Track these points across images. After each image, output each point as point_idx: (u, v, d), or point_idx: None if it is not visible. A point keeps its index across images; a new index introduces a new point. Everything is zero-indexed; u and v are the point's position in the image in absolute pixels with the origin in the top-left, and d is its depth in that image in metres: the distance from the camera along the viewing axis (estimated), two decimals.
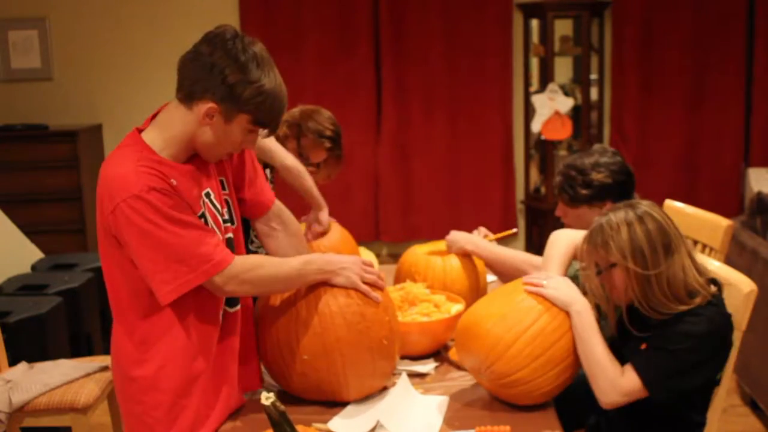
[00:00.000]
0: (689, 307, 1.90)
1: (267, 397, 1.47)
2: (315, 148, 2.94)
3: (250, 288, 1.90)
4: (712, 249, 2.88)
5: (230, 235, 1.97)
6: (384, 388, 2.07)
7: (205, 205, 1.88)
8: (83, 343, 3.73)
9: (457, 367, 2.23)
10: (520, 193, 5.80)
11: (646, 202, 1.99)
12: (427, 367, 2.24)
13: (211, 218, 1.89)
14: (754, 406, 3.62)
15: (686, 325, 1.88)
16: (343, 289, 1.96)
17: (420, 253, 2.67)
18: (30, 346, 3.19)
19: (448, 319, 2.27)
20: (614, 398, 1.91)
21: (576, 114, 5.46)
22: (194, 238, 1.79)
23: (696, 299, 1.91)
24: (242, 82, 1.76)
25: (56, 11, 5.60)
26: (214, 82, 1.76)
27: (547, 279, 2.03)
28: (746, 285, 2.06)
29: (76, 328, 3.68)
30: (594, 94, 5.60)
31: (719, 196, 5.58)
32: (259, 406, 1.52)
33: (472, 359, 2.00)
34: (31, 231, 4.58)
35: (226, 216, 1.96)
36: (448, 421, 1.91)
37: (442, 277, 2.55)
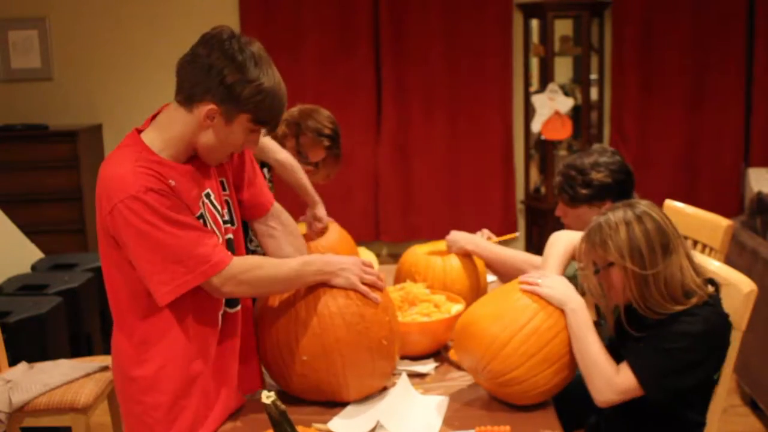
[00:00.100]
0: (685, 307, 1.90)
1: (268, 396, 1.47)
2: (314, 147, 2.94)
3: (249, 289, 1.90)
4: (712, 249, 2.88)
5: (230, 235, 1.96)
6: (384, 389, 2.07)
7: (205, 206, 1.88)
8: (83, 343, 3.73)
9: (457, 367, 2.23)
10: (520, 193, 5.79)
11: (644, 202, 1.99)
12: (427, 367, 2.24)
13: (210, 219, 1.89)
14: (754, 406, 3.62)
15: (682, 325, 1.88)
16: (343, 289, 1.95)
17: (420, 253, 2.67)
18: (30, 346, 3.19)
19: (448, 319, 2.27)
20: (609, 397, 1.91)
21: (576, 114, 5.46)
22: (192, 239, 1.78)
23: (692, 299, 1.91)
24: (241, 82, 1.76)
25: (56, 11, 5.60)
26: (213, 84, 1.76)
27: (543, 278, 2.03)
28: (746, 285, 2.05)
29: (76, 328, 3.68)
30: (594, 94, 5.60)
31: (719, 196, 5.57)
32: (259, 406, 1.52)
33: (470, 359, 2.00)
34: (31, 231, 4.58)
35: (226, 217, 1.96)
36: (447, 421, 1.91)
37: (442, 277, 2.55)
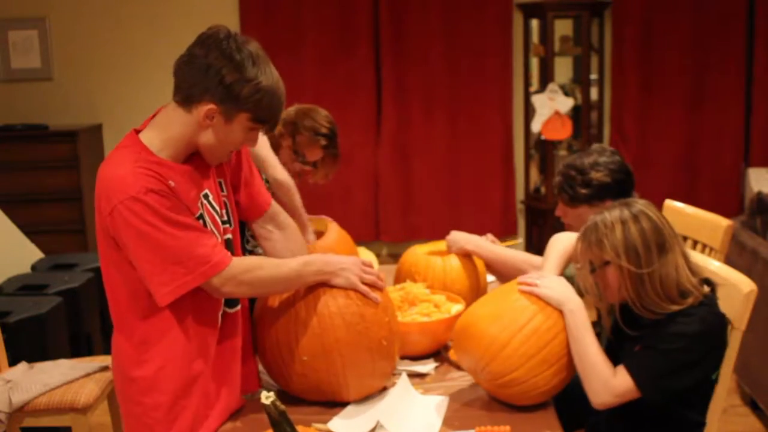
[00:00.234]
0: (681, 307, 1.90)
1: (267, 397, 1.47)
2: (311, 146, 2.93)
3: (249, 289, 1.90)
4: (712, 249, 2.88)
5: (229, 236, 1.96)
6: (384, 389, 2.07)
7: (204, 207, 1.88)
8: (83, 343, 3.73)
9: (457, 367, 2.23)
10: (520, 193, 5.79)
11: (641, 201, 1.99)
12: (427, 367, 2.24)
13: (209, 219, 1.89)
14: (754, 406, 3.62)
15: (678, 326, 1.88)
16: (342, 289, 1.95)
17: (420, 253, 2.67)
18: (30, 346, 3.19)
19: (448, 319, 2.27)
20: (606, 399, 1.91)
21: (576, 114, 5.45)
22: (192, 240, 1.78)
23: (688, 299, 1.90)
24: (239, 81, 1.76)
25: (56, 11, 5.60)
26: (211, 84, 1.76)
27: (541, 278, 2.03)
28: (746, 285, 2.05)
29: (76, 328, 3.68)
30: (594, 94, 5.59)
31: (719, 196, 5.57)
32: (259, 406, 1.52)
33: (469, 360, 2.00)
34: (31, 231, 4.58)
35: (224, 217, 1.96)
36: (447, 422, 1.91)
37: (442, 277, 2.55)
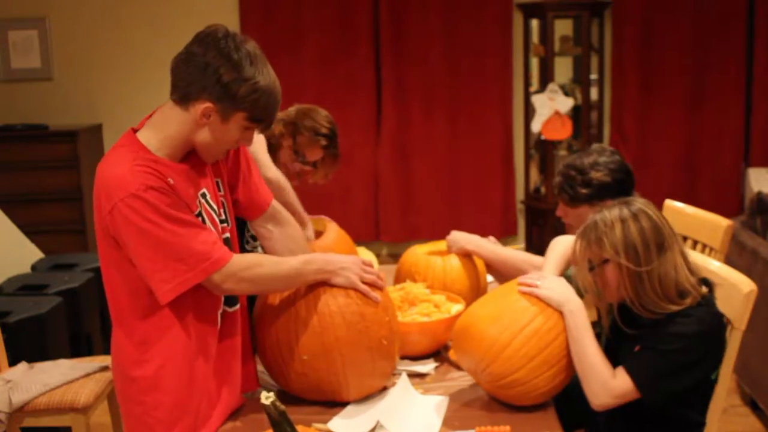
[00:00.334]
0: (680, 307, 1.90)
1: (267, 397, 1.47)
2: (311, 146, 2.93)
3: (249, 286, 1.90)
4: (712, 249, 2.88)
5: (227, 234, 1.97)
6: (384, 388, 2.07)
7: (202, 205, 1.88)
8: (83, 343, 3.73)
9: (457, 368, 2.23)
10: (520, 193, 5.79)
11: (641, 200, 1.99)
12: (427, 367, 2.24)
13: (207, 218, 1.89)
14: (754, 406, 3.62)
15: (677, 326, 1.88)
16: (343, 289, 1.95)
17: (420, 253, 2.67)
18: (30, 346, 3.19)
19: (448, 319, 2.27)
20: (605, 400, 1.91)
21: (576, 114, 5.45)
22: (192, 237, 1.79)
23: (687, 300, 1.90)
24: (237, 81, 1.76)
25: (56, 11, 5.60)
26: (209, 82, 1.76)
27: (541, 279, 2.03)
28: (746, 285, 2.05)
29: (76, 328, 3.68)
30: (594, 94, 5.60)
31: (719, 196, 5.57)
32: (259, 406, 1.52)
33: (469, 361, 2.00)
34: (31, 231, 4.58)
35: (222, 216, 1.96)
36: (447, 422, 1.91)
37: (442, 277, 2.55)
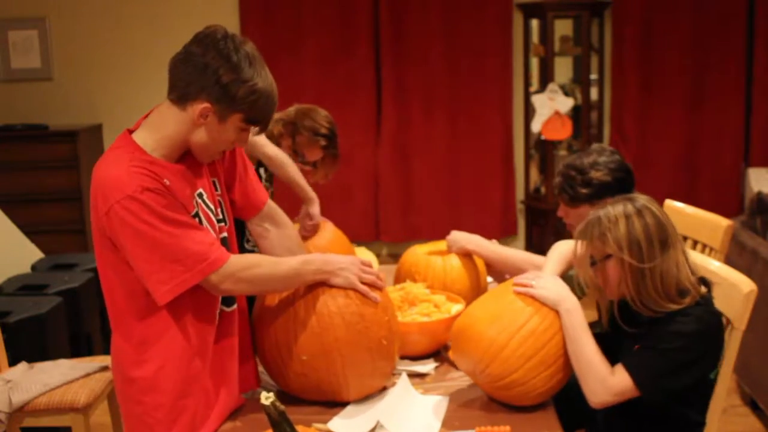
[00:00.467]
0: (680, 306, 1.90)
1: (267, 397, 1.47)
2: (310, 146, 2.93)
3: (247, 286, 1.90)
4: (712, 249, 2.87)
5: (225, 234, 1.97)
6: (384, 388, 2.07)
7: (199, 205, 1.88)
8: (83, 343, 3.73)
9: (457, 368, 2.23)
10: (520, 193, 5.79)
11: (644, 197, 1.99)
12: (427, 367, 2.24)
13: (204, 218, 1.89)
14: (754, 406, 3.62)
15: (677, 325, 1.88)
16: (342, 289, 1.95)
17: (420, 253, 2.67)
18: (30, 346, 3.19)
19: (448, 319, 2.27)
20: (604, 398, 1.90)
21: (576, 114, 5.45)
22: (189, 238, 1.79)
23: (686, 299, 1.90)
24: (236, 82, 1.77)
25: (56, 11, 5.59)
26: (208, 83, 1.76)
27: (537, 279, 2.03)
28: (746, 285, 2.05)
29: (76, 328, 3.68)
30: (594, 94, 5.60)
31: (719, 196, 5.57)
32: (259, 406, 1.51)
33: (467, 362, 1.99)
34: (31, 231, 4.58)
35: (219, 216, 1.96)
36: (447, 422, 1.91)
37: (442, 277, 2.55)
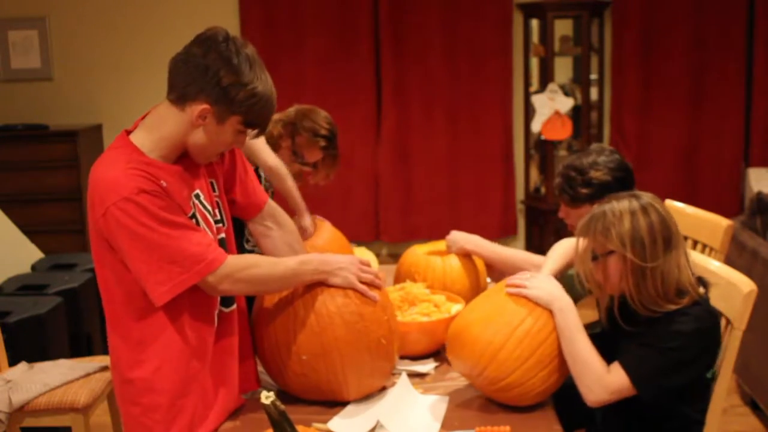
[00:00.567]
0: (678, 306, 1.89)
1: (267, 396, 1.47)
2: (310, 147, 2.93)
3: (246, 287, 1.90)
4: (712, 249, 2.87)
5: (222, 235, 1.97)
6: (384, 388, 2.07)
7: (196, 206, 1.88)
8: (83, 343, 3.73)
9: None
10: (520, 193, 5.79)
11: (648, 195, 1.98)
12: (427, 367, 2.24)
13: (201, 219, 1.89)
14: (754, 406, 3.62)
15: (676, 324, 1.88)
16: (341, 288, 1.95)
17: (420, 253, 2.67)
18: (30, 346, 3.19)
19: (448, 319, 2.27)
20: (601, 396, 1.90)
21: (576, 114, 5.45)
22: (186, 239, 1.79)
23: (684, 299, 1.90)
24: (236, 84, 1.77)
25: (56, 11, 5.59)
26: (208, 84, 1.77)
27: (529, 279, 2.02)
28: (746, 285, 2.05)
29: (76, 328, 3.67)
30: (594, 94, 5.59)
31: (719, 196, 5.57)
32: (259, 406, 1.52)
33: (464, 366, 1.98)
34: (31, 231, 4.58)
35: (217, 216, 1.96)
36: (447, 421, 1.91)
37: (442, 277, 2.55)
